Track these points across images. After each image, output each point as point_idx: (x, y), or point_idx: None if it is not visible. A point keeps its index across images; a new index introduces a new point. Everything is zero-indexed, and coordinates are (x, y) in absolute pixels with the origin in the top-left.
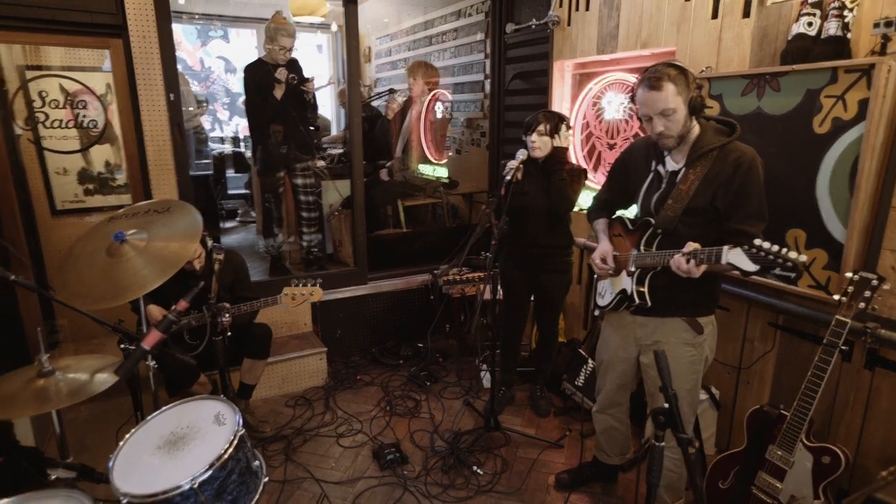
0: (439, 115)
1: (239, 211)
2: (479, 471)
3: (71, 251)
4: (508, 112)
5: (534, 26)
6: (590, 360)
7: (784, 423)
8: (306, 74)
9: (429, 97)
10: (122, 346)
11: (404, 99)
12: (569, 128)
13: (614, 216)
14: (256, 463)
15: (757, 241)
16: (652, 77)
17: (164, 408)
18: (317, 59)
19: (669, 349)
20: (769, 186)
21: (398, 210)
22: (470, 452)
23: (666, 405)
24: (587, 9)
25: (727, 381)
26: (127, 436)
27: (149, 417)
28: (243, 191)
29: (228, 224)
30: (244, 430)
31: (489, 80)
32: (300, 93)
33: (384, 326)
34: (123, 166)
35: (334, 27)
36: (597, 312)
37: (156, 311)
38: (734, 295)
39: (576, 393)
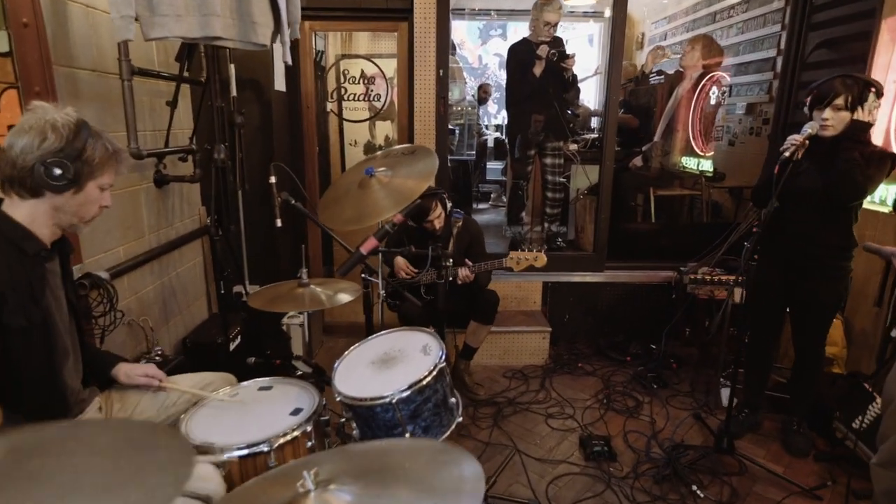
0: (713, 102)
1: (492, 195)
2: (699, 492)
3: (335, 184)
4: (802, 90)
5: None
6: (877, 399)
7: None
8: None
9: (705, 79)
10: (364, 275)
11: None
12: (879, 96)
13: None
14: (453, 400)
15: None
16: None
17: (383, 332)
18: (587, 51)
19: None
20: None
21: (649, 200)
22: (691, 469)
23: None
24: None
25: None
26: (351, 348)
27: (370, 337)
28: (501, 178)
29: (481, 206)
30: (444, 364)
31: (782, 56)
32: (559, 71)
33: (615, 319)
34: (396, 136)
35: (607, 13)
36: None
37: (401, 261)
38: None
39: (850, 437)
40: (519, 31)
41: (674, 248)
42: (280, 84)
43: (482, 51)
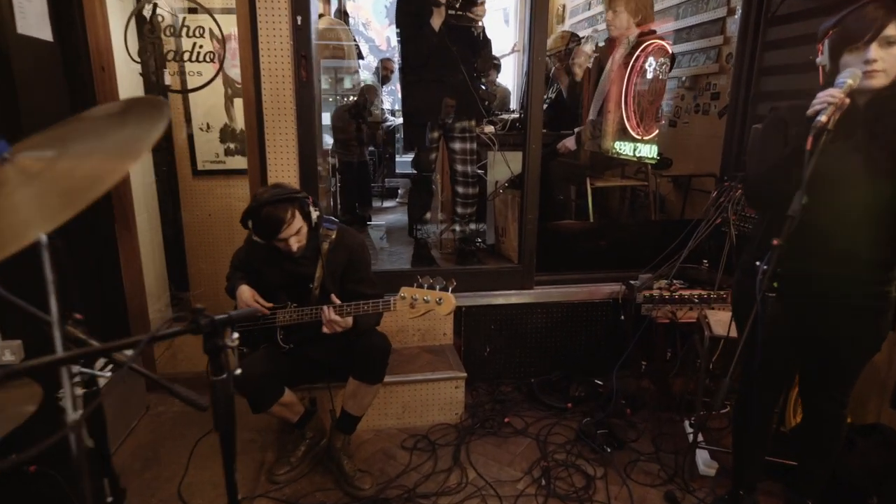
0: (650, 76)
1: (400, 191)
2: None
3: None
4: (769, 53)
5: None
6: None
7: None
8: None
9: (639, 50)
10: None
11: (593, 48)
12: None
13: None
14: None
15: None
16: None
17: None
18: (503, 31)
19: None
20: None
21: (586, 193)
22: None
23: None
24: None
25: None
26: None
27: None
28: (412, 171)
29: (387, 203)
30: None
31: (738, 13)
32: (466, 25)
33: (550, 350)
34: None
35: None
36: None
37: (248, 293)
38: None
39: None
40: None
41: (618, 254)
42: (37, 26)
43: (390, 31)
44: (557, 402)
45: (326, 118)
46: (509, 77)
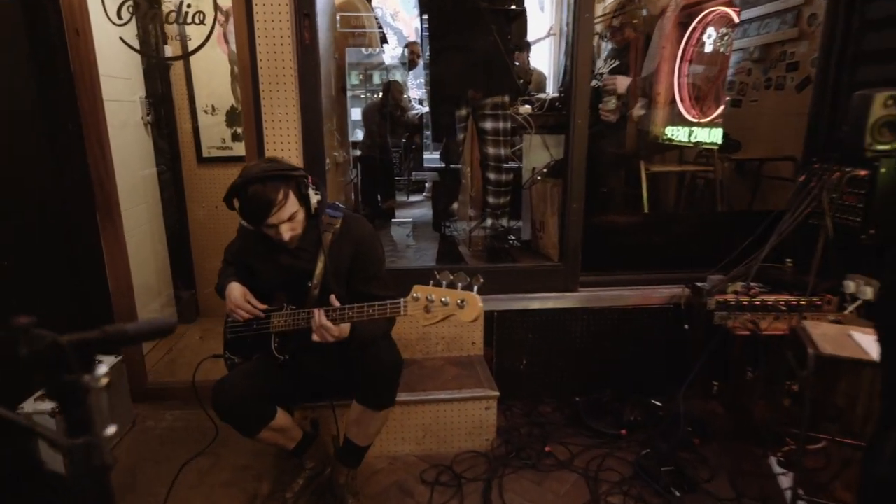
0: (709, 49)
1: (427, 184)
2: None
3: None
4: (877, 2)
5: None
6: None
7: None
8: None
9: (695, 21)
10: None
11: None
12: None
13: None
14: None
15: None
16: None
17: None
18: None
19: None
20: None
21: (640, 177)
22: None
23: None
24: None
25: None
26: None
27: None
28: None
29: (413, 198)
30: None
31: None
32: None
33: (597, 364)
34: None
35: None
36: None
37: (238, 292)
38: None
39: None
40: None
41: (676, 252)
42: None
43: (419, 21)
44: (609, 427)
45: (356, 114)
46: (545, 63)
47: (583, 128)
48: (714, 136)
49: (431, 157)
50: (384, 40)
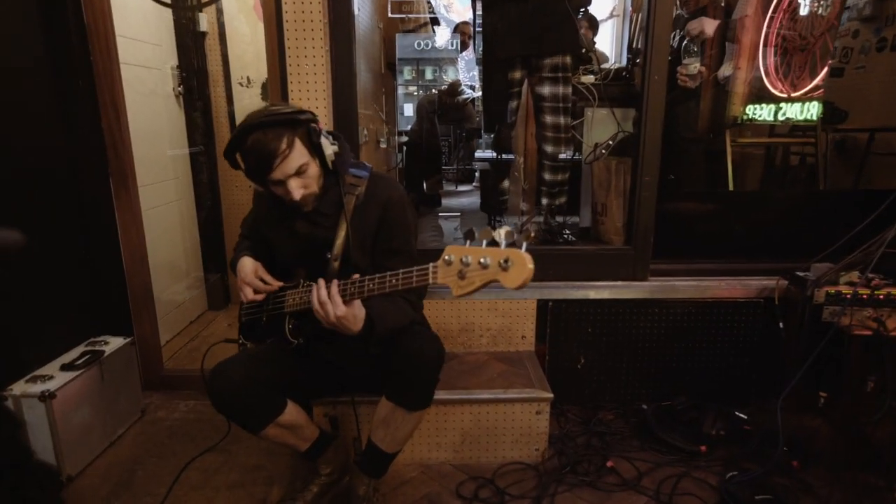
0: (805, 12)
1: (476, 174)
2: None
3: None
4: None
5: None
6: None
7: None
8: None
9: None
10: None
11: None
12: None
13: None
14: None
15: None
16: None
17: None
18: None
19: None
20: None
21: (726, 149)
22: None
23: None
24: None
25: None
26: None
27: None
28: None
29: (462, 187)
30: None
31: None
32: None
33: (670, 366)
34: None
35: None
36: None
37: (249, 266)
38: None
39: None
40: None
41: (766, 237)
42: None
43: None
44: (685, 441)
45: (408, 109)
46: (607, 45)
47: (660, 85)
48: (810, 111)
49: (481, 154)
50: (436, 22)
